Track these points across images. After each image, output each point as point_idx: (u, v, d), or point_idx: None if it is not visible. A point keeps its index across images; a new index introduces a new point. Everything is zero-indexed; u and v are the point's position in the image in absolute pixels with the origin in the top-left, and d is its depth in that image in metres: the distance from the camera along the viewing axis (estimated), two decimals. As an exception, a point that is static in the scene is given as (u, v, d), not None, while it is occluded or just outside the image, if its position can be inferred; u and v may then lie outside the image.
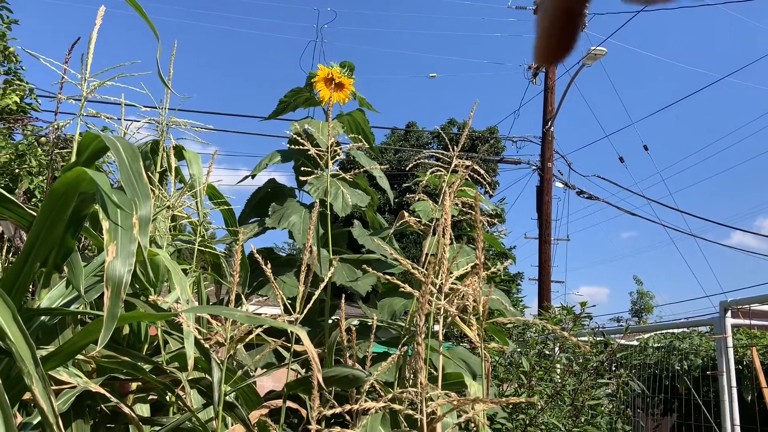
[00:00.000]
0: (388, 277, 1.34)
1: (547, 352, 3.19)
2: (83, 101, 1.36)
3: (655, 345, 4.75)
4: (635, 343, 4.79)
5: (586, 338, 3.60)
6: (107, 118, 1.49)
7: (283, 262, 3.08)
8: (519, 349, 3.28)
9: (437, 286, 1.11)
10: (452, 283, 1.24)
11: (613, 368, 4.00)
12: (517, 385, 2.91)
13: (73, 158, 1.21)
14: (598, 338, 3.58)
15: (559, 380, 2.78)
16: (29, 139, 2.85)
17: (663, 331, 4.80)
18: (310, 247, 2.79)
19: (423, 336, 0.94)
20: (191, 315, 1.27)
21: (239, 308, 1.91)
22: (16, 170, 2.91)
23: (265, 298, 2.88)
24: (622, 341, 4.30)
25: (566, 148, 18.50)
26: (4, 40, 3.39)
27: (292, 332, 1.64)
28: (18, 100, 3.31)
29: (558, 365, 3.01)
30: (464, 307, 1.09)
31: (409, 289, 1.19)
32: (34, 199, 3.01)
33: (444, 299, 1.09)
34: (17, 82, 3.47)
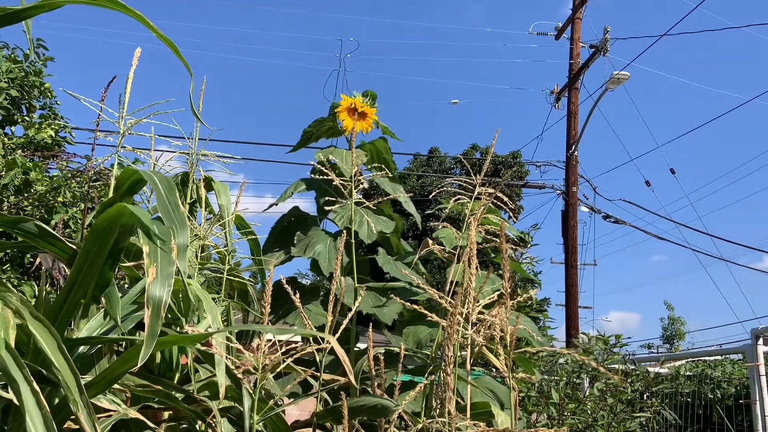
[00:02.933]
0: (414, 306, 1.36)
1: (577, 381, 3.15)
2: (121, 139, 1.43)
3: (687, 373, 4.66)
4: (666, 371, 4.70)
5: (617, 365, 3.55)
6: (141, 152, 1.56)
7: (307, 291, 3.11)
8: (547, 377, 3.25)
9: (464, 316, 1.13)
10: (479, 312, 1.26)
11: (645, 397, 3.92)
12: (547, 416, 2.88)
13: (111, 193, 1.27)
14: (630, 367, 3.53)
15: (590, 412, 2.75)
16: (64, 173, 2.97)
17: (695, 359, 4.70)
18: (330, 275, 2.82)
19: (452, 366, 0.96)
20: (222, 343, 1.31)
21: (266, 336, 1.95)
22: (52, 202, 3.01)
23: (290, 324, 2.91)
24: (655, 369, 4.22)
25: (591, 172, 18.37)
26: (41, 77, 3.55)
27: (321, 361, 1.67)
28: (53, 134, 3.44)
29: (591, 396, 2.97)
30: (491, 336, 1.11)
31: (436, 318, 1.21)
32: (68, 230, 3.10)
33: (471, 329, 1.11)
34: (52, 116, 3.62)
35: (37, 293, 1.68)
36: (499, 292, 1.16)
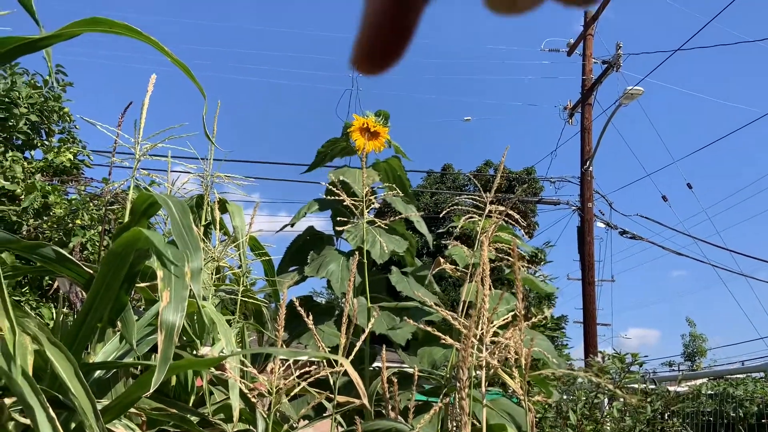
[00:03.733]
0: (428, 328, 1.36)
1: (595, 401, 3.11)
2: (136, 164, 1.45)
3: (709, 392, 4.57)
4: (686, 389, 4.62)
5: (637, 385, 3.50)
6: (156, 175, 1.59)
7: (322, 311, 3.12)
8: (566, 397, 3.21)
9: (478, 337, 1.12)
10: (493, 334, 1.25)
11: (667, 417, 3.85)
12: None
13: (127, 217, 1.29)
14: (650, 386, 3.47)
15: None
16: (82, 196, 3.01)
17: (716, 378, 4.62)
18: (343, 294, 2.82)
19: (467, 390, 0.96)
20: (236, 366, 1.31)
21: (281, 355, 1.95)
22: (70, 224, 3.06)
23: (304, 345, 2.91)
24: (675, 388, 4.15)
25: (606, 188, 18.29)
26: (60, 102, 3.63)
27: (334, 383, 1.67)
28: (72, 158, 3.51)
29: (609, 417, 2.93)
30: (506, 359, 1.10)
31: (449, 341, 1.21)
32: (85, 252, 3.14)
33: (485, 351, 1.11)
34: (71, 140, 3.69)
35: (55, 316, 1.70)
36: (512, 313, 1.16)
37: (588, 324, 12.28)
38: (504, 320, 1.19)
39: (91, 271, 1.21)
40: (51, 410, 0.81)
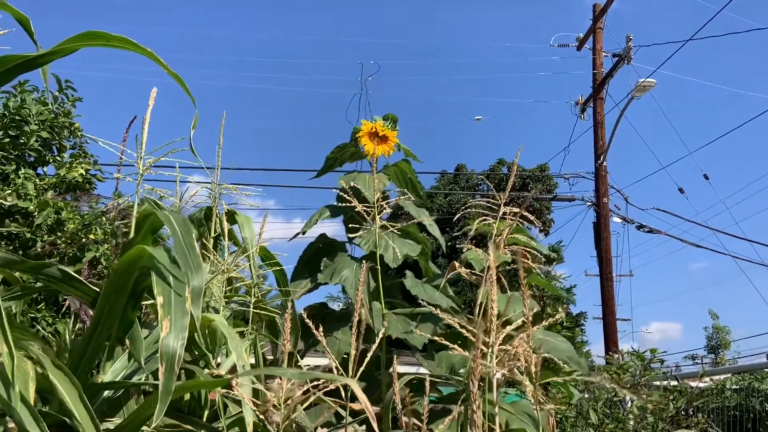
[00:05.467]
0: (436, 337, 1.33)
1: (616, 399, 3.05)
2: (140, 179, 1.44)
3: (734, 387, 4.48)
4: (710, 384, 4.54)
5: (658, 382, 3.43)
6: (161, 192, 1.57)
7: (338, 317, 3.09)
8: (587, 395, 3.15)
9: (489, 345, 1.09)
10: (507, 337, 1.22)
11: (690, 413, 3.78)
12: (586, 437, 2.78)
13: (132, 233, 1.28)
14: (672, 383, 3.40)
15: (631, 431, 2.65)
16: (95, 211, 3.03)
17: (741, 373, 4.53)
18: (361, 301, 2.79)
19: (479, 403, 0.93)
20: (248, 381, 1.29)
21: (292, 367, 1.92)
22: (83, 239, 3.07)
23: (320, 352, 2.89)
24: (698, 384, 4.07)
25: (621, 182, 18.06)
26: (70, 117, 3.65)
27: (347, 390, 1.64)
28: (84, 173, 3.53)
29: (631, 415, 2.87)
30: (517, 367, 1.07)
31: (458, 350, 1.18)
32: (99, 266, 3.15)
33: (495, 359, 1.07)
34: (83, 155, 3.71)
35: (67, 333, 1.70)
36: (522, 319, 1.12)
37: (607, 320, 12.15)
38: (516, 325, 1.15)
39: (97, 289, 1.19)
40: (52, 438, 0.79)
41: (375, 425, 1.03)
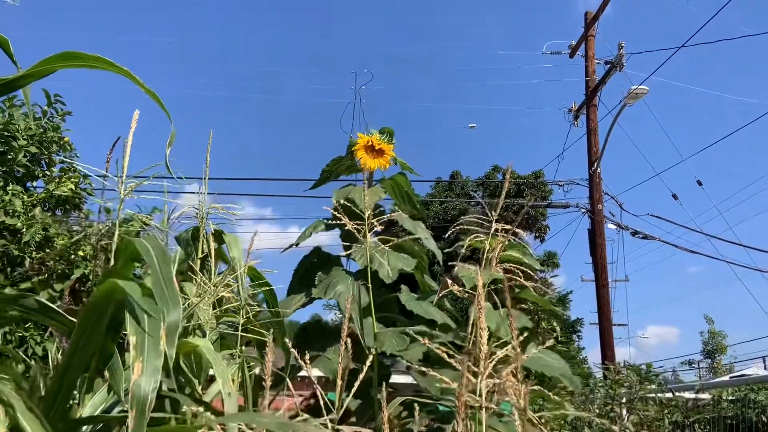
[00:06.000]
0: (437, 349, 1.29)
1: (613, 415, 3.02)
2: (120, 204, 1.41)
3: (730, 398, 4.45)
4: (707, 396, 4.50)
5: (654, 395, 3.40)
6: (142, 218, 1.53)
7: (330, 333, 3.04)
8: (583, 413, 3.11)
9: (477, 375, 1.06)
10: (501, 360, 1.19)
11: (687, 424, 3.74)
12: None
13: (112, 261, 1.24)
14: (667, 395, 3.37)
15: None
16: (84, 226, 2.99)
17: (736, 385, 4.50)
18: (350, 319, 2.74)
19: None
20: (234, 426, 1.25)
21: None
22: (72, 256, 3.03)
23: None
24: (689, 395, 4.04)
25: (615, 189, 18.05)
26: (59, 132, 3.62)
27: (338, 411, 1.60)
28: (73, 188, 3.48)
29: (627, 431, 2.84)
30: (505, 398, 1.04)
31: (446, 380, 1.14)
32: (88, 283, 3.11)
33: (485, 391, 1.04)
34: (72, 170, 3.67)
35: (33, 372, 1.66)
36: (509, 347, 1.09)
37: (603, 326, 12.14)
38: (505, 352, 1.12)
39: (74, 320, 1.15)
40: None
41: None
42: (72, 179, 3.46)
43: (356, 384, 1.47)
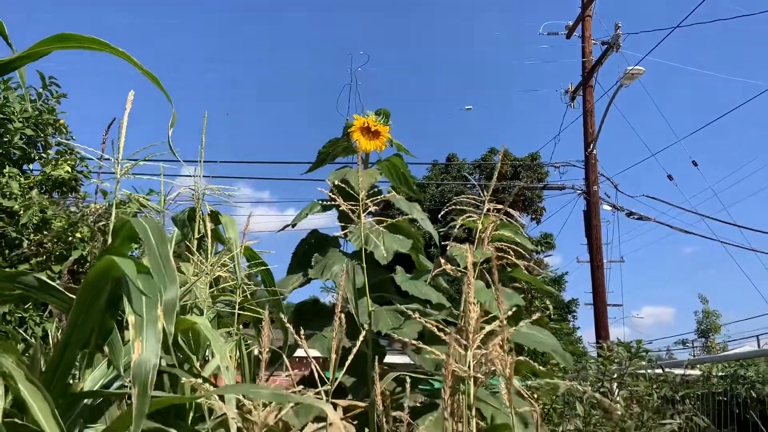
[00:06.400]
0: (431, 327, 1.33)
1: (602, 390, 3.07)
2: (117, 185, 1.43)
3: (720, 374, 4.53)
4: (697, 372, 4.58)
5: (644, 371, 3.46)
6: (138, 197, 1.56)
7: (327, 313, 3.08)
8: (575, 383, 3.16)
9: (465, 346, 1.09)
10: (486, 338, 1.22)
11: (677, 400, 3.81)
12: (573, 429, 2.80)
13: (110, 240, 1.26)
14: (657, 371, 3.43)
15: (617, 422, 2.67)
16: (81, 209, 3.00)
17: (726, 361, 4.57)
18: (345, 300, 2.77)
19: (450, 409, 0.92)
20: (232, 397, 1.28)
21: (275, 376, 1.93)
22: (69, 238, 3.04)
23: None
24: (686, 372, 4.11)
25: (611, 170, 18.08)
26: (54, 114, 3.61)
27: (328, 394, 1.64)
28: (69, 170, 3.49)
29: (617, 405, 2.89)
30: (493, 371, 1.07)
31: (436, 353, 1.17)
32: (87, 264, 3.13)
33: (472, 361, 1.07)
34: (68, 152, 3.68)
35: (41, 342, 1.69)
36: (498, 321, 1.12)
37: (598, 306, 12.23)
38: (494, 327, 1.15)
39: (74, 297, 1.18)
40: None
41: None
42: (68, 161, 3.47)
43: (349, 358, 1.51)
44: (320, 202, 3.15)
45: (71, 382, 1.25)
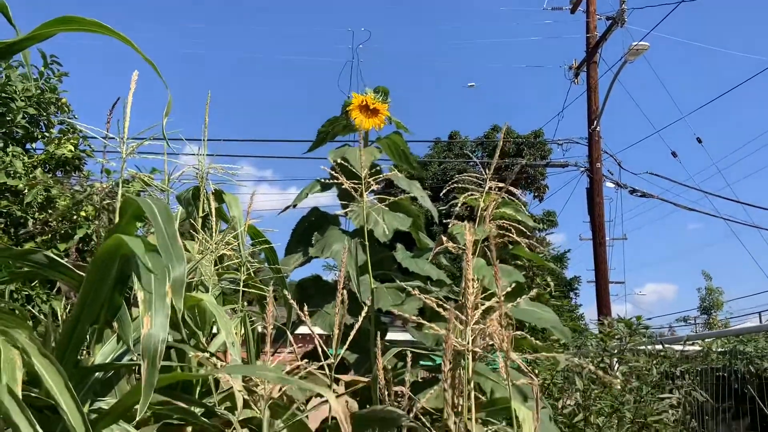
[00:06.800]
0: (431, 303, 1.36)
1: (602, 365, 3.12)
2: (123, 164, 1.45)
3: (719, 350, 4.58)
4: (698, 348, 4.63)
5: (644, 347, 3.50)
6: (143, 177, 1.58)
7: (330, 290, 3.11)
8: (575, 358, 3.21)
9: (465, 321, 1.12)
10: (485, 314, 1.25)
11: (677, 375, 3.87)
12: (573, 403, 2.85)
13: (117, 219, 1.29)
14: (657, 347, 3.47)
15: (616, 396, 2.72)
16: (84, 188, 3.03)
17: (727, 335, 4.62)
18: (347, 274, 2.79)
19: (450, 381, 0.96)
20: (236, 368, 1.32)
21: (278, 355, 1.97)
22: (74, 217, 3.07)
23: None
24: (685, 348, 4.16)
25: (615, 147, 18.03)
26: (56, 93, 3.62)
27: (330, 369, 1.68)
28: (72, 149, 3.51)
29: (617, 380, 2.94)
30: (491, 345, 1.11)
31: (435, 328, 1.21)
32: (92, 243, 3.16)
33: (471, 336, 1.11)
34: (71, 131, 3.69)
35: (59, 312, 1.73)
36: (497, 297, 1.15)
37: (600, 283, 12.29)
38: (492, 303, 1.18)
39: (83, 274, 1.21)
40: (38, 427, 0.81)
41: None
42: (71, 140, 3.49)
43: (351, 334, 1.54)
44: (321, 180, 3.17)
45: (82, 357, 1.29)
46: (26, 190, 2.94)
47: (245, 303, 2.12)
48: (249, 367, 1.37)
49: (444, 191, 2.48)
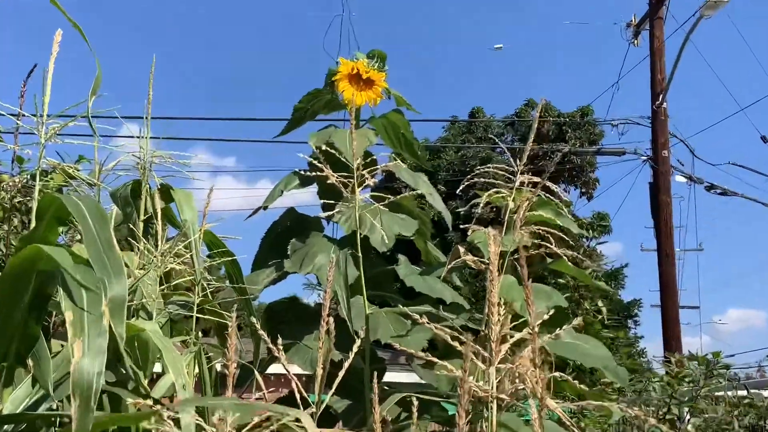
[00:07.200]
0: (446, 337, 1.37)
1: (668, 417, 3.13)
2: (42, 150, 1.46)
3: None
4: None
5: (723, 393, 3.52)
6: (69, 167, 1.59)
7: (310, 316, 3.11)
8: (633, 408, 3.22)
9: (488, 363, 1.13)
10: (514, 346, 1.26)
11: (765, 429, 3.88)
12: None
13: (33, 222, 1.30)
14: (740, 393, 3.49)
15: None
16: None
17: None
18: (335, 294, 2.80)
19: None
20: (189, 408, 1.32)
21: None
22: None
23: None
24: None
25: (684, 130, 17.88)
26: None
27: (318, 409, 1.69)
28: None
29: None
30: (522, 390, 1.12)
31: (449, 367, 1.22)
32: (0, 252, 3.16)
33: (494, 378, 1.12)
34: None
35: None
36: (527, 330, 1.16)
37: (667, 308, 12.31)
38: (523, 335, 1.19)
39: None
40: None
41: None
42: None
43: (340, 375, 1.55)
44: (299, 173, 3.16)
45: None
46: None
47: (200, 333, 2.13)
48: (202, 398, 1.38)
49: (462, 186, 2.49)
